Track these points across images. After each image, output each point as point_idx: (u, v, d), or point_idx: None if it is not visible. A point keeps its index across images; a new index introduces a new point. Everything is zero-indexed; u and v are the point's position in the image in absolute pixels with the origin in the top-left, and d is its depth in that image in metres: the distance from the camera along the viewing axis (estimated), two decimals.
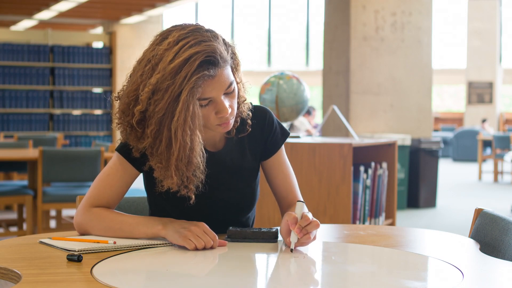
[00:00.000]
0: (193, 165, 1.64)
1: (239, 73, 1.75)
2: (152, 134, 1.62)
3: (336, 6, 8.31)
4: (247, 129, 1.82)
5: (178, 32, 1.63)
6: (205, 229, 1.63)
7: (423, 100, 8.33)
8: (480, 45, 17.57)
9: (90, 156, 4.93)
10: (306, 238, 1.61)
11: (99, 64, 9.46)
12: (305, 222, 1.60)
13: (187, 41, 1.60)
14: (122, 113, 1.66)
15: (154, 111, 1.60)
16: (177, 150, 1.61)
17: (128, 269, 1.47)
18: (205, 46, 1.60)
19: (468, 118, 18.15)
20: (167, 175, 1.64)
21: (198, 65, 1.58)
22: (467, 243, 1.74)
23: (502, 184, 11.20)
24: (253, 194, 1.85)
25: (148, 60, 1.63)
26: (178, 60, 1.58)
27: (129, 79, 1.68)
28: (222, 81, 1.63)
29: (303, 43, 20.63)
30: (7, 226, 5.88)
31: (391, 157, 3.81)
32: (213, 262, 1.53)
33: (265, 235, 1.70)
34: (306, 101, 3.87)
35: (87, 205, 1.77)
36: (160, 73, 1.59)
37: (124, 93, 1.67)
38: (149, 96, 1.60)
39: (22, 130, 9.22)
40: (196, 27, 1.65)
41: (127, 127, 1.66)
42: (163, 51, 1.61)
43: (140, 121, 1.63)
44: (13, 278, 1.39)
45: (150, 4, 14.63)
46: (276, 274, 1.48)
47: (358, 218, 3.47)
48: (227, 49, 1.67)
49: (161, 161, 1.64)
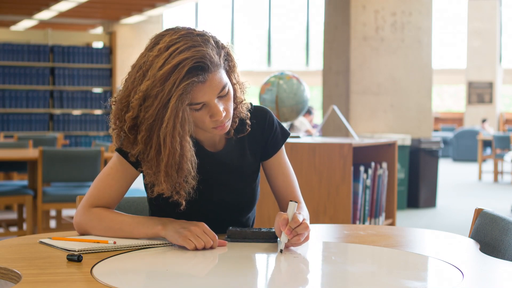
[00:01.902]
0: (184, 171, 1.64)
1: (235, 74, 1.74)
2: (143, 140, 1.62)
3: (336, 6, 8.31)
4: (247, 129, 1.81)
5: (170, 37, 1.62)
6: (205, 229, 1.63)
7: (423, 100, 8.32)
8: (480, 45, 17.57)
9: (90, 156, 4.93)
10: (296, 240, 1.60)
11: (99, 64, 9.46)
12: (294, 224, 1.60)
13: (177, 47, 1.60)
14: (116, 119, 1.66)
15: (144, 118, 1.60)
16: (166, 157, 1.61)
17: (128, 269, 1.47)
18: (194, 52, 1.59)
19: (468, 118, 18.15)
20: (157, 181, 1.64)
21: (187, 72, 1.58)
22: (467, 243, 1.74)
23: (502, 184, 11.20)
24: (253, 194, 1.85)
25: (140, 66, 1.63)
26: (167, 67, 1.57)
27: (124, 84, 1.68)
28: (213, 86, 1.62)
29: (303, 43, 20.63)
30: (7, 226, 5.88)
31: (391, 157, 3.81)
32: (213, 262, 1.53)
33: (265, 235, 1.70)
34: (306, 101, 3.87)
35: (86, 205, 1.77)
36: (150, 80, 1.59)
37: (118, 99, 1.67)
38: (140, 103, 1.60)
39: (22, 130, 9.22)
40: (188, 31, 1.64)
41: (121, 133, 1.67)
42: (153, 57, 1.61)
43: (132, 127, 1.64)
44: (13, 278, 1.39)
45: (150, 4, 14.63)
46: (276, 274, 1.48)
47: (358, 218, 3.47)
48: (219, 52, 1.65)
49: (151, 167, 1.64)
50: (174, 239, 1.62)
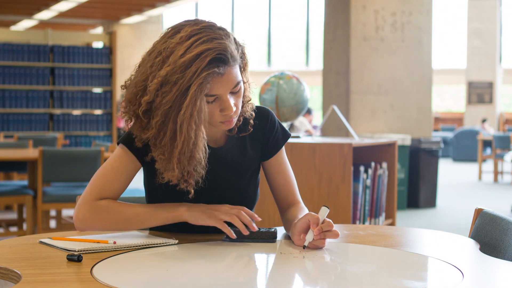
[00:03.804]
0: (195, 160, 1.65)
1: (247, 73, 1.76)
2: (157, 125, 1.63)
3: (336, 6, 8.31)
4: (249, 129, 1.83)
5: (191, 27, 1.64)
6: (230, 206, 1.68)
7: (423, 100, 8.32)
8: (480, 45, 17.56)
9: (90, 156, 4.93)
10: (320, 243, 1.62)
11: (99, 64, 9.46)
12: (327, 227, 1.62)
13: (200, 37, 1.61)
14: (129, 102, 1.67)
15: (161, 103, 1.61)
16: (181, 144, 1.61)
17: (128, 269, 1.47)
18: (217, 43, 1.61)
19: (468, 118, 18.15)
20: (168, 167, 1.65)
21: (209, 62, 1.59)
22: (467, 243, 1.74)
23: (502, 184, 11.20)
24: (253, 193, 1.86)
25: (159, 52, 1.64)
26: (189, 55, 1.59)
27: (137, 69, 1.69)
28: (230, 80, 1.65)
29: (303, 43, 20.63)
30: (7, 226, 5.88)
31: (391, 157, 3.81)
32: (212, 262, 1.53)
33: (264, 235, 1.70)
34: (306, 101, 3.87)
35: (90, 199, 1.74)
36: (171, 66, 1.60)
37: (131, 83, 1.68)
38: (157, 88, 1.61)
39: (22, 130, 9.22)
40: (209, 24, 1.67)
41: (132, 117, 1.67)
42: (174, 44, 1.62)
43: (146, 111, 1.64)
44: (13, 278, 1.39)
45: (150, 4, 14.64)
46: (275, 274, 1.48)
47: (358, 218, 3.47)
48: (237, 48, 1.68)
49: (164, 152, 1.64)
50: (201, 218, 1.65)
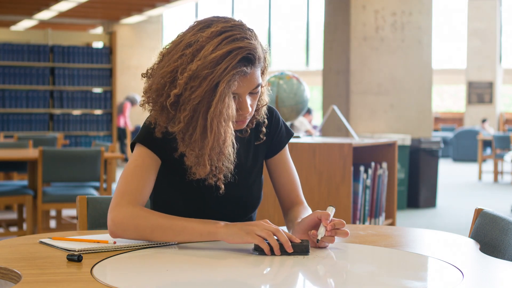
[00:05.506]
0: (224, 156, 1.66)
1: (265, 78, 1.76)
2: (186, 120, 1.62)
3: (336, 6, 8.31)
4: (262, 138, 1.84)
5: (222, 23, 1.64)
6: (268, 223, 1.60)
7: (423, 100, 8.32)
8: (480, 45, 17.56)
9: (90, 156, 4.93)
10: (329, 239, 1.62)
11: (99, 64, 9.45)
12: (340, 225, 1.62)
13: (231, 34, 1.62)
14: (156, 93, 1.65)
15: (190, 98, 1.60)
16: (212, 140, 1.62)
17: (128, 269, 1.47)
18: (248, 43, 1.62)
19: (468, 118, 18.15)
20: (199, 163, 1.65)
21: (239, 60, 1.60)
22: (467, 243, 1.74)
23: (502, 184, 11.20)
24: (258, 191, 1.87)
25: (189, 44, 1.63)
26: (220, 51, 1.59)
27: (162, 58, 1.67)
28: (252, 80, 1.66)
29: (303, 43, 20.63)
30: (7, 226, 5.88)
31: (391, 157, 3.81)
32: (212, 261, 1.53)
33: (297, 248, 1.68)
34: (306, 101, 3.87)
35: (125, 203, 1.67)
36: (201, 61, 1.59)
37: (158, 73, 1.66)
38: (186, 82, 1.60)
39: (22, 130, 9.22)
40: (240, 23, 1.67)
41: (158, 108, 1.66)
42: (205, 38, 1.61)
43: (173, 103, 1.63)
44: (13, 278, 1.39)
45: (150, 4, 14.64)
46: (276, 274, 1.48)
47: (358, 218, 3.47)
48: (263, 51, 1.69)
49: (194, 149, 1.64)
50: (239, 235, 1.57)
